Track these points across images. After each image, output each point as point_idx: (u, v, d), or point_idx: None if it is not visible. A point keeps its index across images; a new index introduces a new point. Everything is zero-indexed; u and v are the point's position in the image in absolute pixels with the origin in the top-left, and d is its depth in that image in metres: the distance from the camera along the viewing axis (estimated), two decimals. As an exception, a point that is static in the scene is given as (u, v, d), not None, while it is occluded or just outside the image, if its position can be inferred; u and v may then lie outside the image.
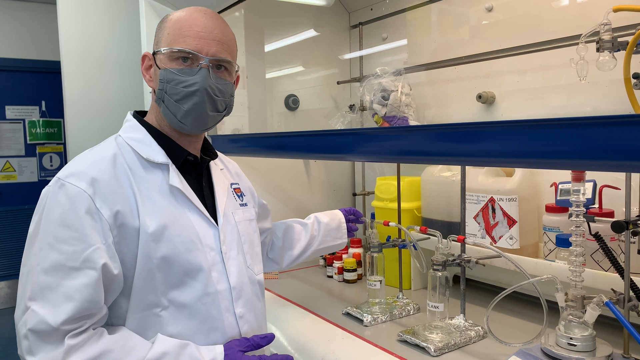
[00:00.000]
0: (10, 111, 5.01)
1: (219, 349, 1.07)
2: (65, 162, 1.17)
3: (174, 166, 1.13)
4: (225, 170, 1.34)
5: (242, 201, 1.31)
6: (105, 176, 1.03)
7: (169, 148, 1.14)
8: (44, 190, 1.05)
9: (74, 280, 0.96)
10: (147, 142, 1.13)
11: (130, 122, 1.17)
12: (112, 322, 1.06)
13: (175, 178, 1.11)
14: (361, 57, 2.46)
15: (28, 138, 5.09)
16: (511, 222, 1.62)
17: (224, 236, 1.17)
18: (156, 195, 1.08)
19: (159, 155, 1.12)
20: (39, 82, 5.07)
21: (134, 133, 1.14)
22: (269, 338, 1.14)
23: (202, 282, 1.09)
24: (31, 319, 0.94)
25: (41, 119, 5.12)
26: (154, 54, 1.13)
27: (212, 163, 1.27)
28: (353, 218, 1.79)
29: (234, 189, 1.31)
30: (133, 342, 1.01)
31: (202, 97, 1.09)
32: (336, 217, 1.73)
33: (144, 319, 1.05)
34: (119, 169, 1.06)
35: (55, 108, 5.11)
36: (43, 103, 5.13)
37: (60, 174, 1.04)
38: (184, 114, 1.10)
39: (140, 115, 1.20)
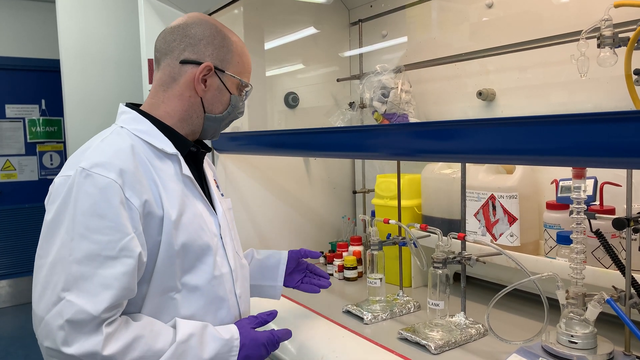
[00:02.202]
0: (10, 110, 5.01)
1: (234, 328, 1.15)
2: (66, 161, 1.16)
3: (181, 157, 1.18)
4: (209, 163, 1.40)
5: (221, 192, 1.37)
6: (130, 166, 1.05)
7: (174, 139, 1.18)
8: (60, 180, 1.05)
9: (111, 269, 0.99)
10: (154, 134, 1.16)
11: (130, 114, 1.18)
12: (126, 309, 1.07)
13: (187, 168, 1.18)
14: (361, 55, 2.45)
15: (28, 137, 5.10)
16: (512, 219, 1.61)
17: (221, 223, 1.25)
18: (172, 184, 1.13)
19: (169, 146, 1.16)
20: (39, 81, 5.07)
21: (138, 125, 1.16)
22: (274, 314, 1.26)
23: (210, 266, 1.16)
24: (68, 310, 0.95)
25: (41, 118, 5.13)
26: (218, 69, 1.19)
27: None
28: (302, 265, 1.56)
29: (214, 180, 1.38)
30: (158, 327, 1.06)
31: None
32: (278, 255, 1.53)
33: (161, 303, 1.10)
34: (139, 160, 1.09)
35: (55, 106, 5.11)
36: (43, 102, 5.14)
37: (83, 164, 1.03)
38: (223, 130, 1.28)
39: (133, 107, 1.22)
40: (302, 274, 1.56)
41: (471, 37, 1.92)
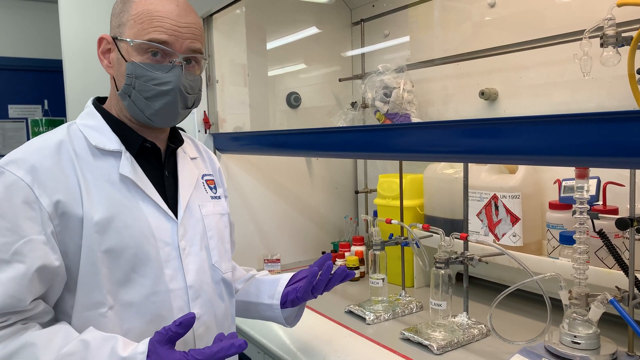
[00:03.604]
0: (13, 110, 5.02)
1: (142, 347, 0.92)
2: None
3: (128, 154, 1.06)
4: (199, 159, 1.25)
5: (214, 193, 1.22)
6: (47, 163, 0.98)
7: (123, 135, 1.08)
8: None
9: (1, 274, 0.91)
10: (100, 129, 1.07)
11: (88, 108, 1.12)
12: (57, 319, 1.00)
13: (127, 166, 1.04)
14: (363, 54, 2.45)
15: (31, 137, 5.10)
16: (514, 219, 1.61)
17: (183, 230, 1.09)
18: (105, 184, 1.02)
19: (111, 142, 1.06)
20: (41, 81, 5.08)
21: (88, 120, 1.09)
22: (185, 322, 0.92)
23: (151, 279, 1.02)
24: None
25: (44, 118, 5.13)
26: (115, 39, 1.05)
27: (180, 151, 1.19)
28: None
29: (206, 180, 1.23)
30: (60, 336, 0.93)
31: (175, 96, 1.04)
32: (282, 275, 1.33)
33: (89, 320, 0.98)
34: (63, 156, 1.01)
35: (57, 107, 5.12)
36: (45, 102, 5.14)
37: (2, 160, 0.99)
38: (154, 112, 1.04)
39: (100, 102, 1.14)
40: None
41: (473, 37, 1.92)
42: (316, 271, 1.19)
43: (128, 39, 1.02)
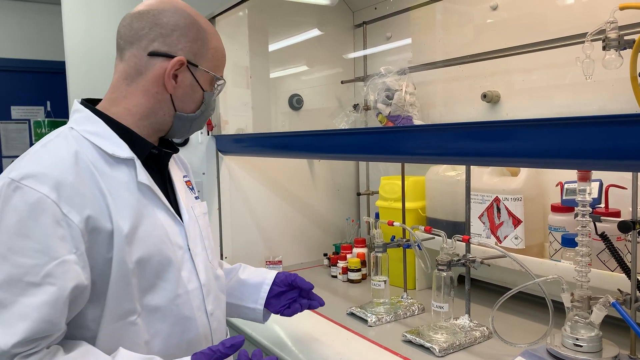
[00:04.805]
0: (16, 111, 5.03)
1: None
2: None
3: (139, 161, 1.04)
4: (173, 162, 1.25)
5: (194, 194, 1.24)
6: (70, 177, 0.92)
7: (131, 141, 1.04)
8: None
9: (32, 298, 0.85)
10: (107, 136, 1.02)
11: (83, 112, 1.05)
12: (73, 334, 0.95)
13: (143, 174, 1.03)
14: (365, 57, 2.45)
15: (33, 138, 5.11)
16: (516, 221, 1.61)
17: (189, 233, 1.11)
18: (125, 193, 0.99)
19: (123, 150, 1.02)
20: (44, 83, 5.09)
21: (89, 125, 1.03)
22: (237, 344, 0.97)
23: (173, 283, 1.04)
24: None
25: (46, 119, 5.14)
26: (191, 64, 1.06)
27: None
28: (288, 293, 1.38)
29: (186, 181, 1.24)
30: (90, 359, 0.91)
31: None
32: (263, 274, 1.38)
33: (119, 329, 0.97)
34: (82, 168, 0.96)
35: (60, 108, 5.13)
36: (48, 103, 5.15)
37: (12, 173, 0.90)
38: (197, 130, 1.17)
39: (90, 104, 1.09)
40: (291, 299, 1.35)
41: (475, 39, 1.92)
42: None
43: (210, 71, 1.10)
